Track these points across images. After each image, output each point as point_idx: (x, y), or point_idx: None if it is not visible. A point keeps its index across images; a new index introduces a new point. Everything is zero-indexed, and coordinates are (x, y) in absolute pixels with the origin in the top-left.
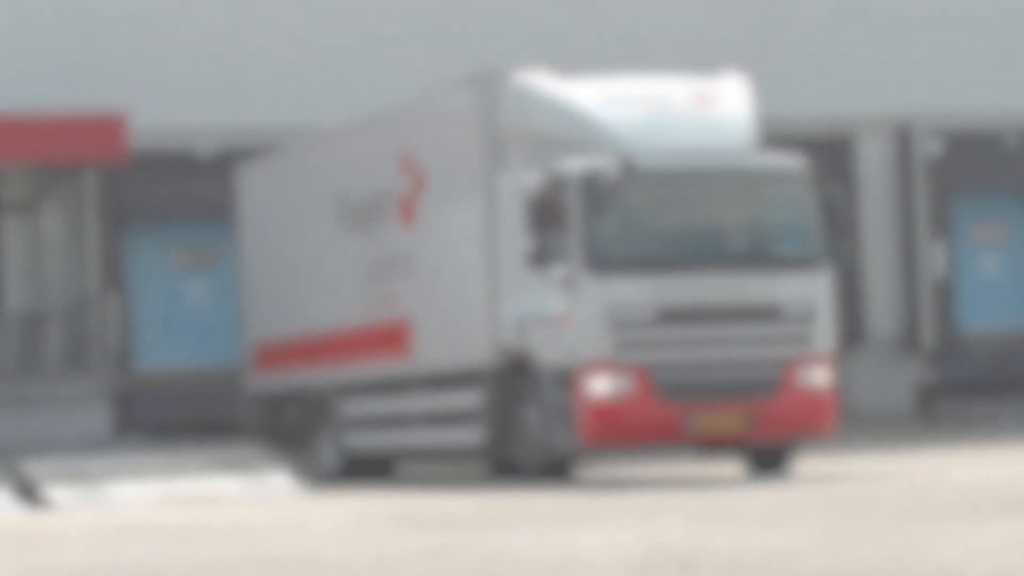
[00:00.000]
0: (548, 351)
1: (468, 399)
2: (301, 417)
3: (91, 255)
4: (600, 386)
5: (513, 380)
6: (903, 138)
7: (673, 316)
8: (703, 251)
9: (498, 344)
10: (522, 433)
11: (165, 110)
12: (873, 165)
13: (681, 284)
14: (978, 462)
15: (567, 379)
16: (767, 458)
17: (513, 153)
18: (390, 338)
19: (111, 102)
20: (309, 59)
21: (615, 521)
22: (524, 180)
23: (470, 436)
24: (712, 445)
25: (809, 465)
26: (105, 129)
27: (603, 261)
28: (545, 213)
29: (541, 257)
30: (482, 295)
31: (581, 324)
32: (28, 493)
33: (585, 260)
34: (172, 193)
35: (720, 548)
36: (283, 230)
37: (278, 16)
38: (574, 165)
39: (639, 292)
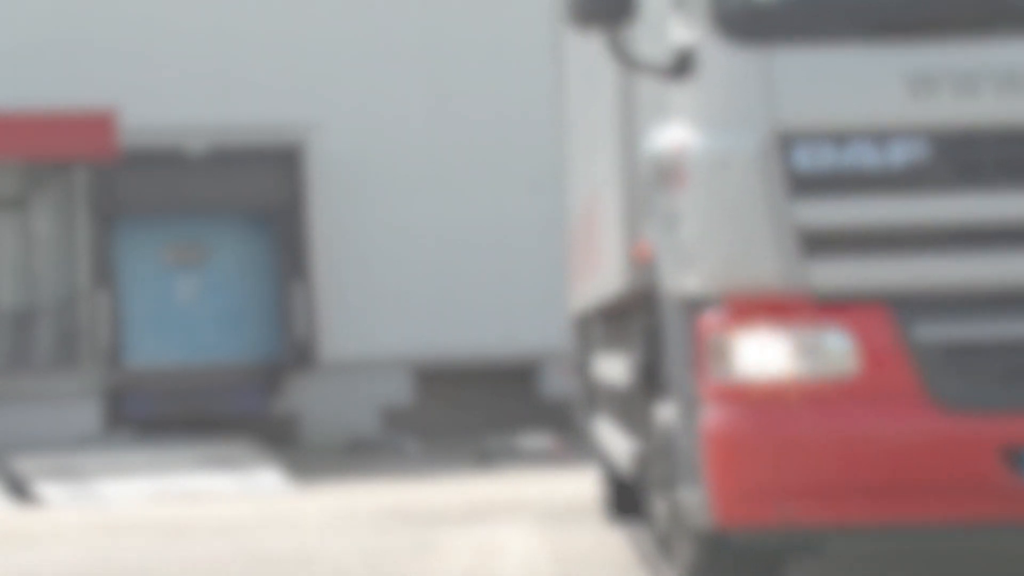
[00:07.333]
0: (673, 266)
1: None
2: None
3: (81, 252)
4: (751, 361)
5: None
6: None
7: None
8: None
9: (630, 258)
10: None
11: (155, 107)
12: None
13: (963, 81)
14: None
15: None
16: None
17: None
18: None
19: (101, 99)
20: (300, 56)
21: (602, 517)
22: None
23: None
24: None
25: None
26: (95, 126)
27: (758, 12)
28: None
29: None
30: (615, 153)
31: (702, 179)
32: (18, 490)
33: (716, 9)
34: (162, 190)
35: None
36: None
37: (269, 13)
38: None
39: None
